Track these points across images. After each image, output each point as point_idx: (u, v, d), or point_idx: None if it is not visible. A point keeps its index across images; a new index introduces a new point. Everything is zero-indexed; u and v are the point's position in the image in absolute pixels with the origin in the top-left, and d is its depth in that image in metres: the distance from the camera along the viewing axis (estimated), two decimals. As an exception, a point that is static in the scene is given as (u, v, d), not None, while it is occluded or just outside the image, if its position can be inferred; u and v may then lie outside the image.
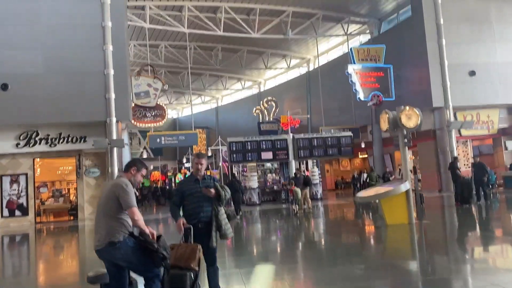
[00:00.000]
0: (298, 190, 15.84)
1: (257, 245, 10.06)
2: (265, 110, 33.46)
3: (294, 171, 19.46)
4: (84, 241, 13.79)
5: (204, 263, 4.66)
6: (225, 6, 22.65)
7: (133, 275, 4.16)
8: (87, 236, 14.96)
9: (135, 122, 20.05)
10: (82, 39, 17.99)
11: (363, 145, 25.55)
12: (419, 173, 22.13)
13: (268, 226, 13.77)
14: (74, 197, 19.93)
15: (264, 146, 19.73)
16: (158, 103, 20.81)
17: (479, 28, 21.13)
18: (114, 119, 17.98)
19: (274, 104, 32.91)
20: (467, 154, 22.39)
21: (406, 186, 9.95)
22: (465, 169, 20.65)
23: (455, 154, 20.52)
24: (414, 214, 10.31)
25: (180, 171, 35.72)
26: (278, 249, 9.33)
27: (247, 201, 20.39)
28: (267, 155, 19.71)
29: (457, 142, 21.20)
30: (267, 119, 33.07)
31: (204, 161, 4.72)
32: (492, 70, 20.83)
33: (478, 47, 20.95)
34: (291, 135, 20.13)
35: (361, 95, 22.95)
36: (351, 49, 23.47)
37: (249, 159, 19.71)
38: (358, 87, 22.88)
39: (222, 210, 4.68)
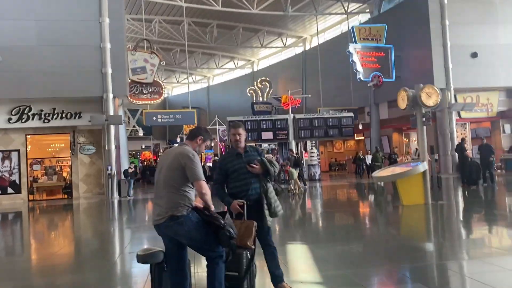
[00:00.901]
0: (293, 170, 15.91)
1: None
2: (259, 91, 32.99)
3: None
4: (79, 220, 13.33)
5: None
6: (225, -20, 21.92)
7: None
8: (82, 214, 14.52)
9: (131, 99, 19.39)
10: (77, 10, 17.24)
11: (360, 127, 25.32)
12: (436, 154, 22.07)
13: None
14: (68, 175, 19.34)
15: (264, 126, 19.33)
16: (155, 79, 20.14)
17: (483, 9, 20.86)
18: (111, 95, 17.37)
19: (268, 85, 32.45)
20: (465, 136, 22.36)
21: (424, 166, 9.73)
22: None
23: (455, 136, 20.52)
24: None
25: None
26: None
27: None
28: (267, 135, 19.33)
29: (456, 124, 21.12)
30: (261, 99, 32.64)
31: (242, 131, 4.20)
32: (494, 52, 20.64)
33: (481, 29, 20.70)
34: (291, 115, 19.76)
35: (361, 75, 22.61)
36: (352, 27, 23.01)
37: (249, 138, 19.26)
38: (359, 67, 22.51)
39: (271, 187, 4.21)
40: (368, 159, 20.55)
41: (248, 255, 3.77)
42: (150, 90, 19.77)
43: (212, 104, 41.56)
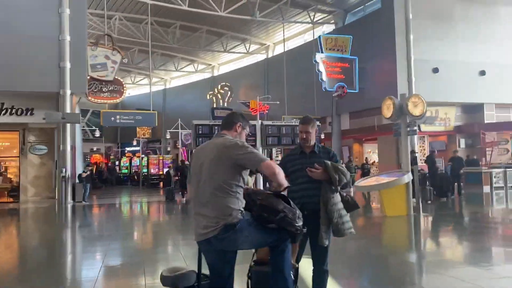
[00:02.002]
0: (249, 178, 15.33)
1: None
2: (220, 96, 32.39)
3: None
4: (26, 226, 12.01)
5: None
6: (193, -21, 21.21)
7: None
8: (31, 221, 13.17)
9: (90, 97, 18.13)
10: (35, -2, 15.88)
11: (322, 136, 25.30)
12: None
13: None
14: (15, 177, 17.71)
15: (231, 131, 18.68)
16: (116, 77, 18.98)
17: (445, 26, 21.57)
18: (68, 91, 16.13)
19: (229, 90, 31.93)
20: (424, 149, 23.00)
21: (409, 177, 9.58)
22: (421, 163, 21.22)
23: (415, 148, 20.96)
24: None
25: (125, 155, 33.64)
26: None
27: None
28: (234, 140, 18.68)
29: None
30: (221, 104, 32.03)
31: (312, 129, 3.59)
32: (453, 69, 21.36)
33: (442, 45, 21.38)
34: (259, 121, 19.26)
35: (327, 85, 22.65)
36: (320, 37, 23.06)
37: (215, 143, 18.61)
38: (324, 76, 22.55)
39: (336, 197, 3.47)
40: None
41: (292, 275, 3.20)
42: (110, 89, 18.60)
43: (168, 107, 40.30)
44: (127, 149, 38.50)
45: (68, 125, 16.20)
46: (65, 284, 5.25)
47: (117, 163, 32.23)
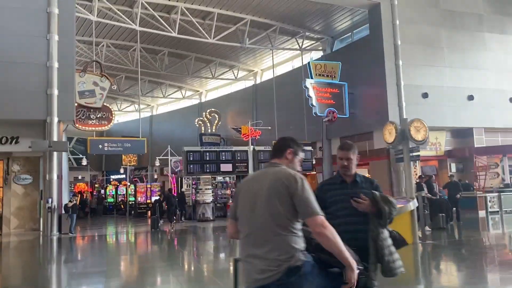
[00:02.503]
0: None
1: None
2: (208, 122, 32.09)
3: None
4: (8, 261, 11.22)
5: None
6: (182, 6, 21.18)
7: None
8: (11, 255, 12.42)
9: (78, 125, 17.64)
10: (23, 23, 15.58)
11: (314, 162, 25.14)
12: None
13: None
14: (-3, 208, 16.94)
15: (224, 157, 18.36)
16: (104, 104, 18.56)
17: (432, 52, 21.90)
18: (55, 119, 15.65)
19: (217, 116, 31.67)
20: (416, 174, 22.87)
21: (414, 204, 9.31)
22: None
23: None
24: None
25: (110, 183, 32.81)
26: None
27: (200, 216, 18.82)
28: (227, 167, 18.38)
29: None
30: (209, 130, 31.71)
31: (353, 155, 3.26)
32: (442, 94, 21.57)
33: (430, 71, 21.65)
34: (251, 146, 19.03)
35: (317, 110, 22.60)
36: (309, 63, 23.14)
37: (207, 170, 18.23)
38: (314, 101, 22.51)
39: (384, 233, 3.11)
40: None
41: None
42: (98, 116, 18.12)
43: (155, 134, 39.82)
44: (112, 177, 37.67)
45: (55, 154, 15.63)
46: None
47: (102, 191, 31.34)
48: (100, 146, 18.65)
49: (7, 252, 12.81)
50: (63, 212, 15.62)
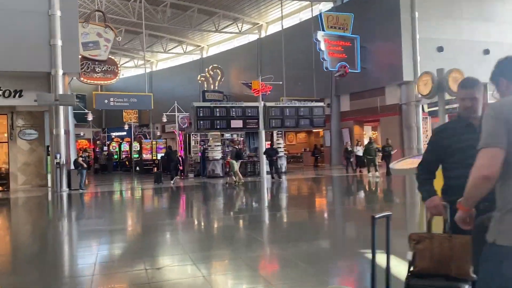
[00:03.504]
0: (234, 162, 15.73)
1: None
2: (210, 78, 31.24)
3: (264, 142, 18.17)
4: (19, 218, 10.86)
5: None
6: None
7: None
8: (22, 211, 12.07)
9: (83, 78, 16.89)
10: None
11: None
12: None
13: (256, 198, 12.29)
14: (3, 164, 16.47)
15: (234, 114, 17.78)
16: (110, 57, 17.73)
17: (448, 4, 20.96)
18: (60, 71, 14.90)
19: (219, 72, 30.80)
20: (426, 131, 22.53)
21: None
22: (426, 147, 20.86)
23: (421, 130, 20.54)
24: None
25: (113, 140, 32.25)
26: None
27: (209, 173, 18.49)
28: (237, 123, 17.81)
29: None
30: (212, 87, 30.92)
31: (479, 93, 2.70)
32: (457, 47, 20.82)
33: (446, 23, 20.81)
34: (262, 102, 18.42)
35: (328, 65, 21.87)
36: (321, 14, 22.17)
37: (218, 127, 17.69)
38: (326, 55, 21.73)
39: None
40: (358, 151, 19.42)
41: (470, 290, 2.39)
42: (103, 69, 17.36)
43: (155, 91, 38.89)
44: (113, 134, 37.11)
45: (61, 108, 15.02)
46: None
47: (105, 148, 30.85)
48: (106, 101, 17.96)
49: (17, 208, 12.46)
50: (73, 167, 15.20)
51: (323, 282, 4.17)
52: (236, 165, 15.61)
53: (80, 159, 15.62)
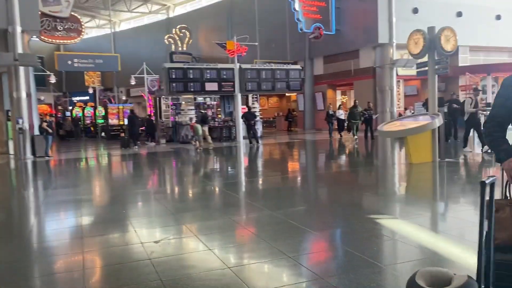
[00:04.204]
0: (198, 126, 15.54)
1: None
2: (178, 39, 29.97)
3: (240, 106, 17.65)
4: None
5: None
6: None
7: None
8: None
9: (43, 36, 15.59)
10: None
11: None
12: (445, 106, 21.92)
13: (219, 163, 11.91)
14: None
15: (208, 76, 17.03)
16: (72, 13, 16.39)
17: (424, -36, 20.60)
18: (19, 28, 13.63)
19: (188, 33, 29.57)
20: (399, 94, 22.63)
21: (440, 120, 8.74)
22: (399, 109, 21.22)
23: (395, 93, 20.56)
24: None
25: (75, 105, 30.74)
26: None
27: (182, 138, 17.86)
28: (212, 86, 17.10)
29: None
30: (180, 49, 29.72)
31: None
32: (432, 9, 20.61)
33: (422, -16, 20.51)
34: (238, 64, 17.70)
35: (303, 26, 21.25)
36: (295, -28, 21.28)
37: (191, 89, 16.94)
38: (301, 16, 21.07)
39: None
40: (341, 115, 19.13)
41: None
42: (66, 27, 16.07)
43: (119, 53, 37.10)
44: (76, 98, 35.38)
45: (21, 69, 13.83)
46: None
47: (67, 114, 29.36)
48: (69, 62, 16.82)
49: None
50: (37, 133, 14.21)
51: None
52: (201, 129, 15.36)
53: (45, 124, 14.61)
